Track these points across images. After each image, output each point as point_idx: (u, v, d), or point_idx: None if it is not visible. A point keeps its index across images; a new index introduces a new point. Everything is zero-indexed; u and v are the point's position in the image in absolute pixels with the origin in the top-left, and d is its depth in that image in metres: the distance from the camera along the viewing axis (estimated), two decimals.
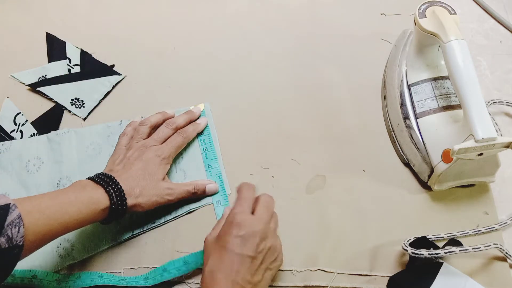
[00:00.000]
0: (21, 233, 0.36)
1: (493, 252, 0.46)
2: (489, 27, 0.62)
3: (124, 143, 0.51)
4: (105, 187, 0.43)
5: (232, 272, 0.38)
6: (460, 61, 0.44)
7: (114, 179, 0.44)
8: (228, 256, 0.39)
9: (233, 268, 0.38)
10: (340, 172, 0.52)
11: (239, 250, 0.39)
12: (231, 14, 0.65)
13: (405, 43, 0.56)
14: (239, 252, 0.39)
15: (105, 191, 0.43)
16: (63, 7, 0.67)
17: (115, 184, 0.44)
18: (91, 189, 0.43)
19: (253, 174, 0.52)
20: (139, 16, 0.66)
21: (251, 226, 0.40)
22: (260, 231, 0.40)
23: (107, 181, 0.44)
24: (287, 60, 0.61)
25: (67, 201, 0.41)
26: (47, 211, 0.39)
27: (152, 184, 0.47)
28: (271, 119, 0.56)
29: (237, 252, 0.39)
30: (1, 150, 0.55)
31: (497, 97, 0.56)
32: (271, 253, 0.41)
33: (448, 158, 0.45)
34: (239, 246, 0.39)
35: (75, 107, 0.58)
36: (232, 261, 0.39)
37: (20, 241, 0.36)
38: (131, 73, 0.61)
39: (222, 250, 0.40)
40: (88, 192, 0.43)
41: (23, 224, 0.36)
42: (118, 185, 0.44)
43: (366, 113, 0.56)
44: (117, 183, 0.44)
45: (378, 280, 0.46)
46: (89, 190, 0.43)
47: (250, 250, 0.39)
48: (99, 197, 0.43)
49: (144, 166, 0.47)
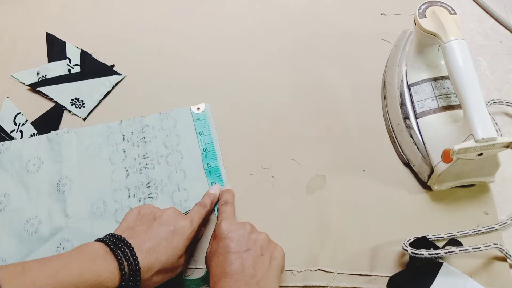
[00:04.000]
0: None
1: (493, 252, 0.46)
2: (489, 27, 0.62)
3: None
4: (119, 260, 0.37)
5: (232, 272, 0.39)
6: (460, 61, 0.44)
7: (132, 249, 0.38)
8: (226, 259, 0.40)
9: (232, 267, 0.39)
10: (340, 172, 0.52)
11: (233, 249, 0.40)
12: (231, 14, 0.65)
13: (405, 43, 0.56)
14: (233, 251, 0.40)
15: (118, 267, 0.36)
16: (63, 7, 0.67)
17: (133, 258, 0.37)
18: (103, 261, 0.36)
19: (253, 174, 0.52)
20: (139, 16, 0.66)
21: (237, 227, 0.42)
22: (246, 228, 0.42)
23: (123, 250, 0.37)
24: (287, 60, 0.61)
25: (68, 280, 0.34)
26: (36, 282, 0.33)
27: (171, 261, 0.40)
28: (271, 119, 0.56)
29: (231, 252, 0.40)
30: (1, 150, 0.55)
31: (497, 97, 0.56)
32: (265, 243, 0.42)
33: (448, 158, 0.45)
34: (231, 246, 0.40)
35: (75, 107, 0.58)
36: (230, 262, 0.39)
37: None
38: (131, 73, 0.61)
39: (219, 257, 0.40)
40: (97, 267, 0.36)
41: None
42: (136, 260, 0.37)
43: (366, 113, 0.56)
44: (135, 258, 0.37)
45: (378, 280, 0.46)
46: (99, 264, 0.36)
47: (244, 245, 0.40)
48: (109, 276, 0.36)
49: (171, 234, 0.41)
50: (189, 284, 0.46)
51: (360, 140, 0.54)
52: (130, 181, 0.52)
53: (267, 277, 0.39)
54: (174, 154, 0.54)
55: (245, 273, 0.39)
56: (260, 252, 0.41)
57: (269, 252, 0.42)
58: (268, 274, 0.40)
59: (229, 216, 0.45)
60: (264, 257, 0.41)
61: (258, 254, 0.40)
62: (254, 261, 0.40)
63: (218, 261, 0.40)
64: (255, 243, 0.41)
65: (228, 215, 0.45)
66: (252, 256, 0.40)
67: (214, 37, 0.63)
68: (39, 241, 0.49)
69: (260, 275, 0.39)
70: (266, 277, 0.39)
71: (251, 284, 0.38)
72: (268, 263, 0.40)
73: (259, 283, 0.38)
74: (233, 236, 0.41)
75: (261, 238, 0.42)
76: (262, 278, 0.39)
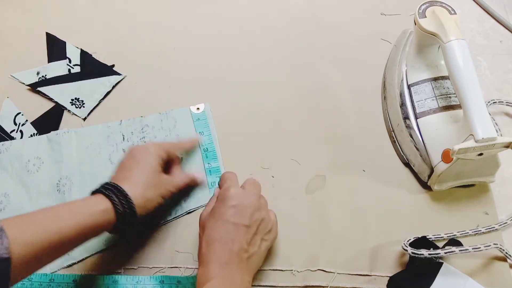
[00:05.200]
0: (4, 245, 0.33)
1: (493, 252, 0.46)
2: (489, 27, 0.62)
3: None
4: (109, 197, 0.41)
5: (228, 240, 0.39)
6: (460, 61, 0.44)
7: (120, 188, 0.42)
8: (223, 226, 0.40)
9: (229, 237, 0.39)
10: (340, 172, 0.52)
11: (234, 220, 0.40)
12: (231, 14, 0.65)
13: (405, 43, 0.56)
14: (234, 221, 0.40)
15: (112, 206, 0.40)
16: (63, 7, 0.67)
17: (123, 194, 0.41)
18: (89, 197, 0.41)
19: (253, 174, 0.52)
20: (139, 16, 0.66)
21: (244, 198, 0.42)
22: (252, 202, 0.42)
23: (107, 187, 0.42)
24: (287, 60, 0.61)
25: (61, 208, 0.39)
26: (37, 221, 0.37)
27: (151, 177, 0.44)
28: (271, 119, 0.56)
29: (232, 221, 0.40)
30: (1, 150, 0.55)
31: (497, 97, 0.56)
32: (265, 224, 0.42)
33: (448, 158, 0.45)
34: (233, 216, 0.40)
35: (75, 107, 0.58)
36: (227, 231, 0.40)
37: (5, 253, 0.33)
38: (131, 73, 0.61)
39: (218, 221, 0.41)
40: (86, 199, 0.41)
41: (5, 236, 0.34)
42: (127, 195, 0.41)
43: (366, 113, 0.56)
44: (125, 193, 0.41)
45: (378, 280, 0.46)
46: (87, 198, 0.41)
47: (245, 218, 0.41)
48: (103, 209, 0.40)
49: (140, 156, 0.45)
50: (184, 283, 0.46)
51: (360, 140, 0.54)
52: None
53: (256, 256, 0.41)
54: None
55: (240, 247, 0.39)
56: (255, 231, 0.41)
57: (263, 233, 0.42)
58: (257, 253, 0.41)
59: (235, 183, 0.45)
60: (257, 236, 0.42)
61: (254, 233, 0.41)
62: (249, 238, 0.40)
63: (215, 225, 0.41)
64: (255, 222, 0.41)
65: (234, 182, 0.45)
66: (249, 234, 0.41)
67: (214, 37, 0.63)
68: None
69: (251, 252, 0.40)
70: (255, 256, 0.41)
71: (242, 258, 0.39)
72: (259, 242, 0.42)
73: (249, 259, 0.40)
74: (238, 206, 0.41)
75: (261, 219, 0.42)
76: (252, 255, 0.41)
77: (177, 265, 0.47)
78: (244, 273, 0.39)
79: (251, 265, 0.41)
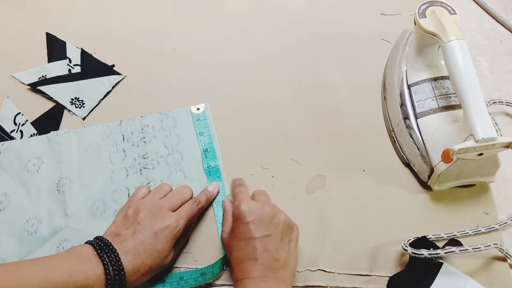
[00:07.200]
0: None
1: (493, 252, 0.46)
2: (489, 27, 0.62)
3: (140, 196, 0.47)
4: (105, 265, 0.39)
5: (256, 256, 0.40)
6: (460, 61, 0.44)
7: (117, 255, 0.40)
8: (248, 244, 0.41)
9: (257, 253, 0.40)
10: (340, 172, 0.52)
11: (256, 234, 0.41)
12: (231, 14, 0.65)
13: (405, 43, 0.56)
14: (256, 236, 0.41)
15: (104, 271, 0.39)
16: (63, 7, 0.67)
17: (118, 264, 0.39)
18: (91, 265, 0.39)
19: (253, 174, 0.52)
20: (139, 16, 0.66)
21: (257, 210, 0.42)
22: (267, 211, 0.42)
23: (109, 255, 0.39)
24: (287, 60, 0.61)
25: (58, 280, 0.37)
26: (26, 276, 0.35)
27: (158, 262, 0.42)
28: (271, 119, 0.56)
29: (255, 237, 0.41)
30: (1, 150, 0.55)
31: (497, 97, 0.56)
32: (286, 225, 0.43)
33: (448, 158, 0.45)
34: (254, 231, 0.41)
35: (75, 107, 0.58)
36: (254, 247, 0.40)
37: None
38: (131, 73, 0.61)
39: (241, 241, 0.41)
40: (86, 270, 0.38)
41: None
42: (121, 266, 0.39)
43: (366, 113, 0.56)
44: (120, 263, 0.39)
45: (378, 280, 0.46)
46: (87, 267, 0.39)
47: (265, 229, 0.41)
48: (96, 279, 0.38)
49: (155, 237, 0.42)
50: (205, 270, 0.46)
51: (360, 140, 0.54)
52: (130, 181, 0.52)
53: (289, 259, 0.42)
54: (174, 154, 0.54)
55: (269, 258, 0.40)
56: (280, 236, 0.42)
57: (288, 235, 0.43)
58: (289, 256, 0.42)
59: (246, 197, 0.45)
60: (284, 241, 0.42)
61: (279, 238, 0.42)
62: (276, 245, 0.41)
63: (240, 245, 0.41)
64: (276, 228, 0.42)
65: (245, 196, 0.46)
66: (274, 241, 0.41)
67: (214, 37, 0.63)
68: (39, 241, 0.49)
69: (283, 258, 0.41)
70: (288, 260, 0.41)
71: (276, 268, 0.40)
72: (287, 246, 0.42)
73: (283, 266, 0.41)
74: (255, 220, 0.42)
75: (282, 222, 0.43)
76: (285, 261, 0.41)
77: (177, 265, 0.47)
78: (281, 281, 0.40)
79: (286, 271, 0.41)
